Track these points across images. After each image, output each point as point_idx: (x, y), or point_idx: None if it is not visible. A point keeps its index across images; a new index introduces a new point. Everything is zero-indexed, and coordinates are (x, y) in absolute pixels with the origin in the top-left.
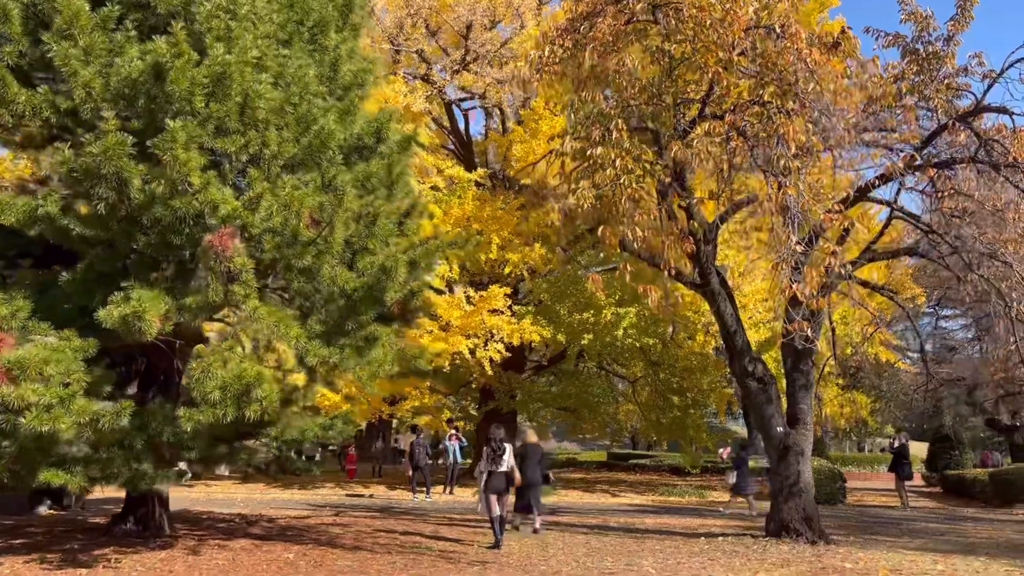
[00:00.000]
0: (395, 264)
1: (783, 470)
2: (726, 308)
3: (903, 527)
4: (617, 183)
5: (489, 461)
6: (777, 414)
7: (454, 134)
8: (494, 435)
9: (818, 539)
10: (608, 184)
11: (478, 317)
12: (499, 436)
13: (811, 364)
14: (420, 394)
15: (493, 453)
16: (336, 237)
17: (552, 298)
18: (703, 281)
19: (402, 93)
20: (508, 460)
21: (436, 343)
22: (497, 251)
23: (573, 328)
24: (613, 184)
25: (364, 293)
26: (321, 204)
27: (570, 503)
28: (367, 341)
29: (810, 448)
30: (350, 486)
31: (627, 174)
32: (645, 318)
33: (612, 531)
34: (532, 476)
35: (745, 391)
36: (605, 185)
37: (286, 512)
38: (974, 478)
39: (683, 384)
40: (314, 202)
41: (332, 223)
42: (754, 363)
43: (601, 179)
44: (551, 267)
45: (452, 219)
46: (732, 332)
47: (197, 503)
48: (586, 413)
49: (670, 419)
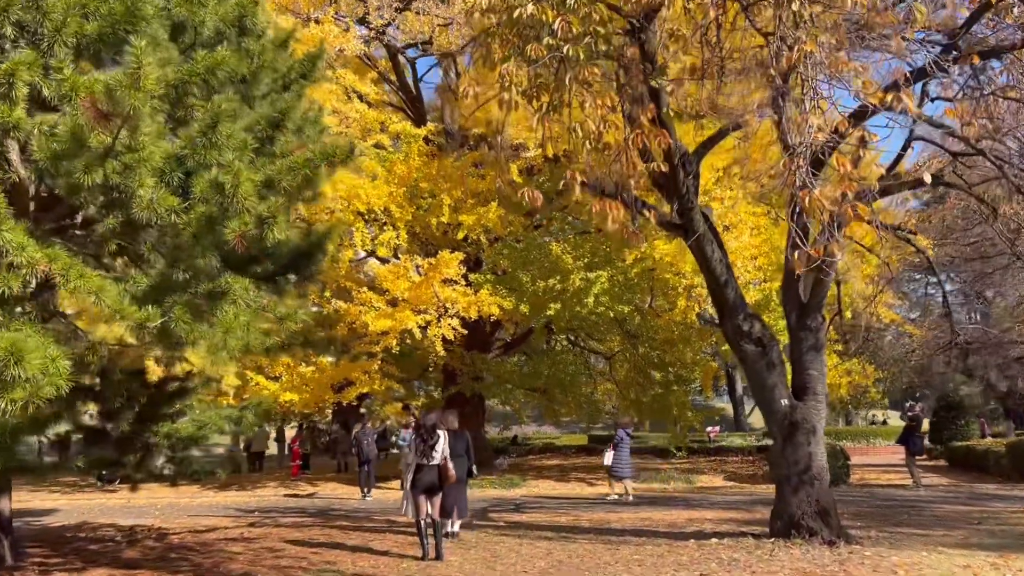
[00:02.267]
0: (235, 179)
1: (790, 452)
2: (713, 253)
3: (926, 513)
4: (559, 57)
5: (418, 453)
6: (780, 383)
7: (402, 90)
8: (425, 421)
9: (837, 538)
10: (544, 60)
11: (429, 289)
12: (431, 422)
13: (821, 320)
14: (369, 378)
15: (423, 443)
16: (144, 143)
17: (514, 265)
18: (683, 220)
19: (332, 34)
20: (442, 451)
21: (380, 320)
22: (449, 213)
23: (538, 297)
24: (552, 59)
25: (200, 227)
26: (109, 88)
27: (540, 495)
28: (210, 298)
29: (823, 424)
30: (295, 485)
31: (572, 43)
32: (619, 284)
33: (583, 534)
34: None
35: (740, 356)
36: (540, 63)
37: (200, 521)
38: (987, 450)
39: (664, 358)
40: (98, 86)
41: (131, 118)
42: (750, 321)
43: (535, 52)
44: (511, 230)
45: (396, 178)
46: (722, 283)
47: (109, 512)
48: (559, 394)
49: (651, 397)
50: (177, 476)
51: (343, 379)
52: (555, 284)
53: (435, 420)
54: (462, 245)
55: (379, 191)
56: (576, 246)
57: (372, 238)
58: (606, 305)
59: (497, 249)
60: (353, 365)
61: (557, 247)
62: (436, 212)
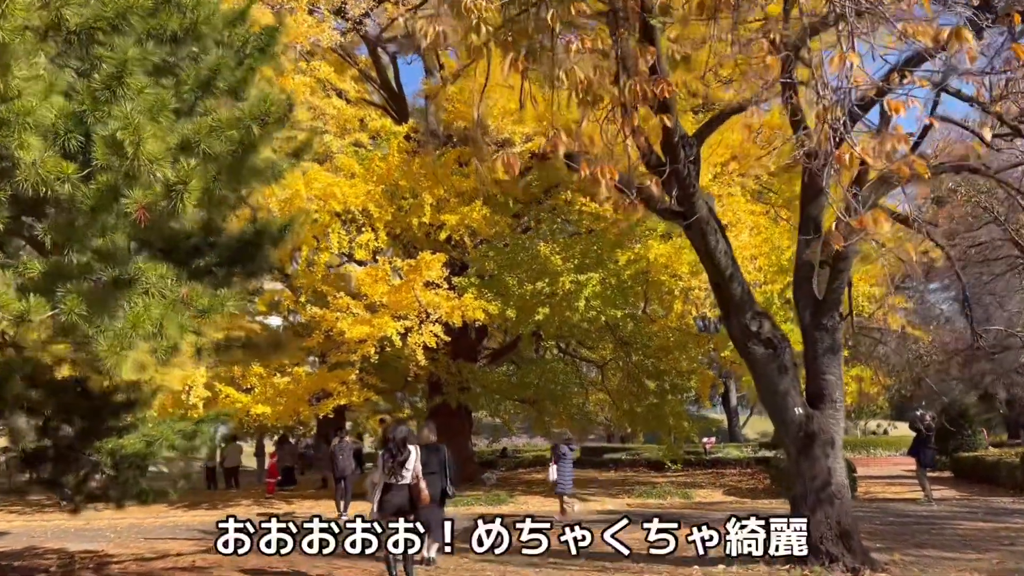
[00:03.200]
0: (136, 136)
1: (806, 467)
2: (717, 244)
3: (948, 532)
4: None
5: (386, 470)
6: (793, 389)
7: (384, 88)
8: (394, 434)
9: (861, 564)
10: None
11: (410, 293)
12: (400, 436)
13: (838, 319)
14: (347, 389)
15: (392, 459)
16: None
17: (500, 267)
18: (684, 206)
19: (307, 24)
20: (413, 468)
21: (357, 327)
22: (431, 213)
23: (525, 301)
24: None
25: (100, 200)
26: None
27: (528, 513)
28: (116, 287)
29: (841, 435)
30: (270, 503)
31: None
32: (611, 287)
33: (573, 560)
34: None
35: (748, 359)
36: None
37: (156, 546)
38: (998, 461)
39: (659, 366)
40: None
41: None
42: (759, 319)
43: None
44: (497, 230)
45: (375, 176)
46: (727, 277)
47: (62, 535)
48: (549, 404)
49: (645, 407)
50: (122, 498)
51: (320, 390)
52: (543, 287)
53: (405, 433)
54: (445, 247)
55: (356, 190)
56: (566, 247)
57: (350, 240)
58: (597, 309)
59: (482, 251)
60: (330, 375)
61: (545, 247)
62: (417, 212)
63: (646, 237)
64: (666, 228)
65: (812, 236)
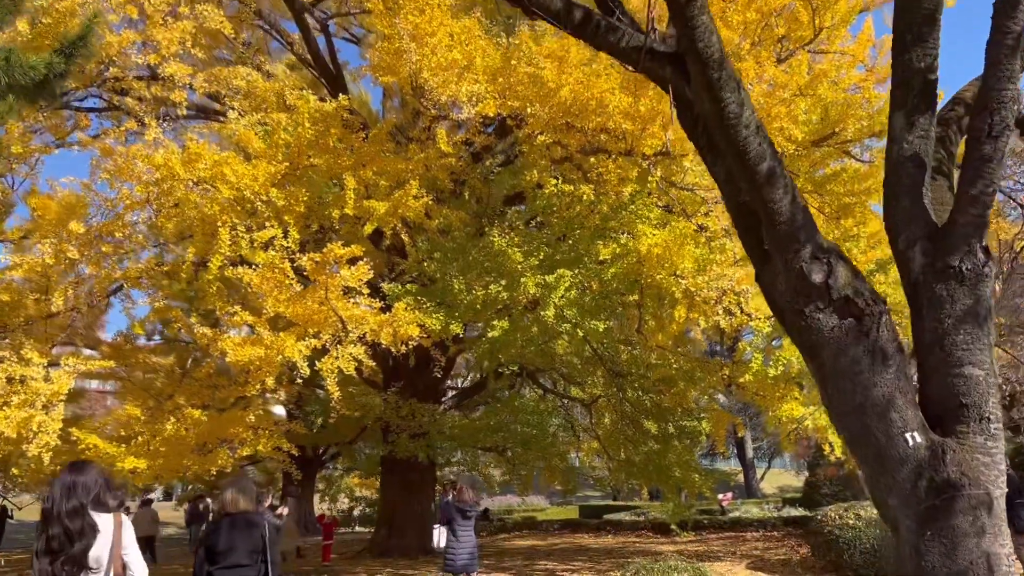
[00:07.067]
0: None
1: (936, 553)
2: (744, 110)
3: None
4: None
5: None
6: (900, 396)
7: (317, 66)
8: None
9: None
10: None
11: (319, 303)
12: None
13: (982, 257)
14: (255, 435)
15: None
16: None
17: (443, 267)
18: (680, 43)
19: None
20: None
21: (244, 348)
22: (355, 201)
23: (476, 312)
24: None
25: None
26: None
27: None
28: None
29: (1004, 485)
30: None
31: None
32: (590, 291)
33: None
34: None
35: (809, 341)
36: None
37: None
38: None
39: (661, 402)
40: None
41: None
42: (827, 261)
43: None
44: (441, 222)
45: (279, 152)
46: (763, 174)
47: None
48: (521, 453)
49: (644, 455)
50: None
51: (217, 438)
52: (498, 292)
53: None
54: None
55: (257, 170)
56: (529, 238)
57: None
58: (572, 321)
59: (422, 248)
60: (225, 417)
61: (501, 239)
62: (339, 202)
63: (636, 221)
64: (660, 216)
65: (915, 95)
